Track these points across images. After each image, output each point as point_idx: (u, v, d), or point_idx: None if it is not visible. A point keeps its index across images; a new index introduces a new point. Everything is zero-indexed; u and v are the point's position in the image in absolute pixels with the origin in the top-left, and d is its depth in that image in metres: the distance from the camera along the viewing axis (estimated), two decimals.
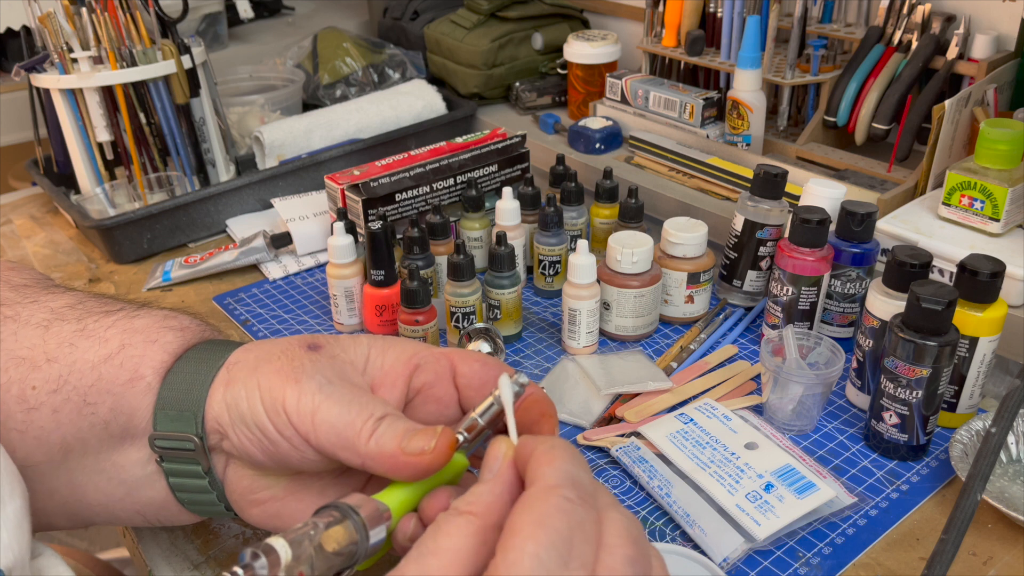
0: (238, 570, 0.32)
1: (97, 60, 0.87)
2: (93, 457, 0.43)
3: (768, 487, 0.51)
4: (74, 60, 0.86)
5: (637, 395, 0.63)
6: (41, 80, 0.86)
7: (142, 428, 0.42)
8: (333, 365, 0.42)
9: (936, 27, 0.83)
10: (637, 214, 0.76)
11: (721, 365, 0.67)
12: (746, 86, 0.89)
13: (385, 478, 0.39)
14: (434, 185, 0.80)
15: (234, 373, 0.42)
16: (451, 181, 0.81)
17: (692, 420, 0.57)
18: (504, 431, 0.39)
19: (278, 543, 0.33)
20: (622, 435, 0.59)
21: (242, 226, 0.92)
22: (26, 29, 0.95)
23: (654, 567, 0.34)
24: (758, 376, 0.66)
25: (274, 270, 0.85)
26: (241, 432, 0.41)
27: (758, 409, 0.61)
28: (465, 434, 0.40)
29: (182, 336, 0.44)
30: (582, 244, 0.67)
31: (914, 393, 0.53)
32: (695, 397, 0.63)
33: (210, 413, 0.41)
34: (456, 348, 0.47)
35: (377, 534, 0.36)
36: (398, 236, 0.77)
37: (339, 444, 0.39)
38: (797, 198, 0.76)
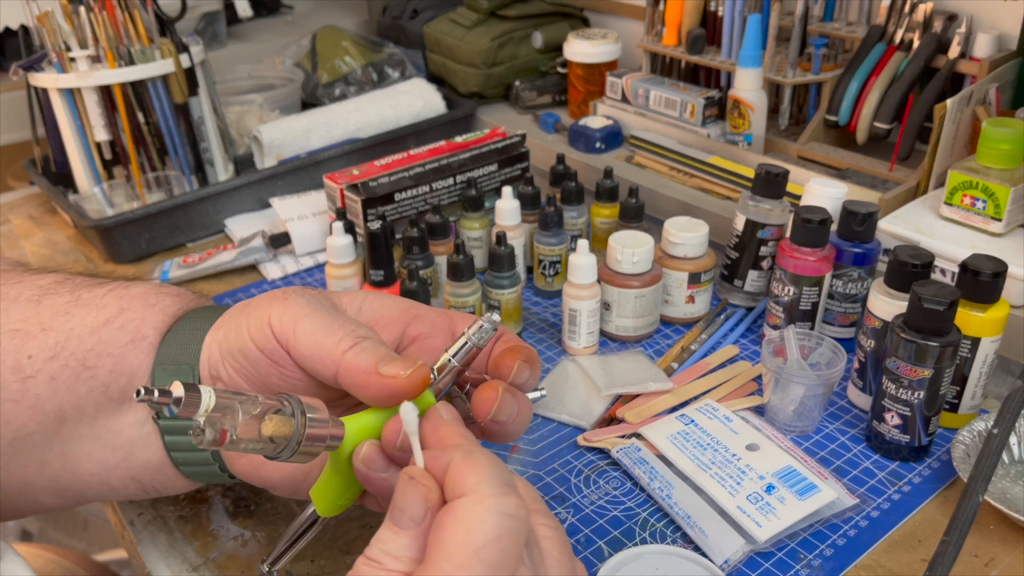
0: (155, 390, 0.31)
1: (95, 59, 0.86)
2: (88, 424, 0.43)
3: (769, 488, 0.51)
4: (72, 59, 0.86)
5: (638, 396, 0.63)
6: (39, 79, 0.86)
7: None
8: (325, 297, 0.42)
9: (938, 26, 0.83)
10: (638, 214, 0.76)
11: (722, 366, 0.67)
12: (747, 85, 0.89)
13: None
14: (433, 185, 0.80)
15: (225, 318, 0.43)
16: (451, 181, 0.81)
17: (693, 421, 0.57)
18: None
19: (205, 390, 0.33)
20: (623, 436, 0.59)
21: (240, 226, 0.91)
22: (24, 28, 0.95)
23: None
24: (759, 377, 0.65)
25: (273, 270, 0.84)
26: (229, 365, 0.41)
27: (759, 410, 0.61)
28: (435, 373, 0.40)
29: (179, 300, 0.45)
30: (582, 244, 0.66)
31: (916, 394, 0.53)
32: (696, 398, 0.63)
33: (203, 359, 0.42)
34: (454, 311, 0.47)
35: (312, 442, 0.35)
36: (397, 236, 0.77)
37: (316, 353, 0.39)
38: (798, 198, 0.76)
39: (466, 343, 0.40)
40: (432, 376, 0.40)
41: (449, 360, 0.40)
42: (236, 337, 0.41)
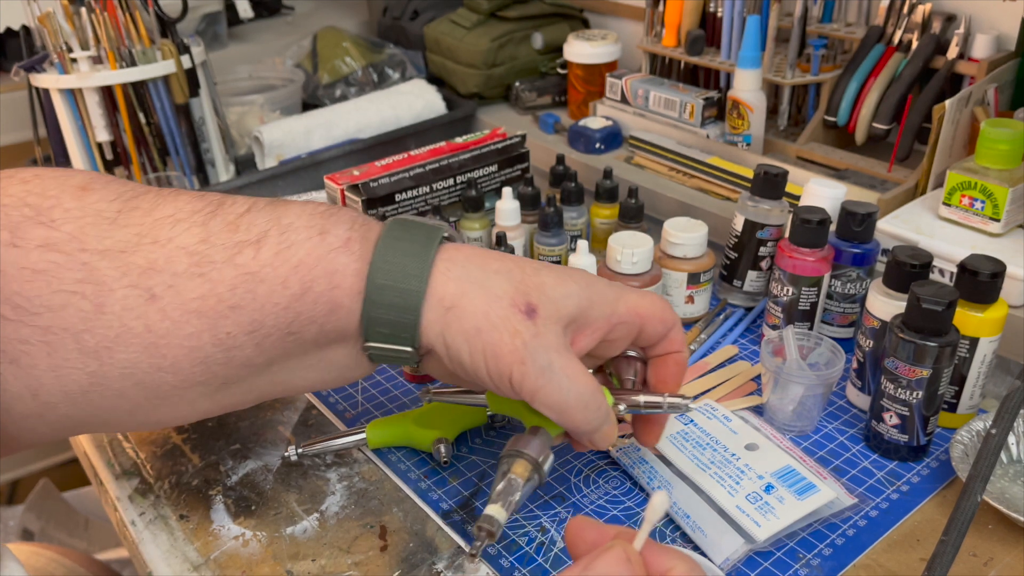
0: (479, 546, 0.42)
1: (96, 60, 0.87)
2: (298, 360, 0.45)
3: (768, 488, 0.51)
4: (73, 60, 0.86)
5: None
6: (40, 80, 0.86)
7: (353, 337, 0.44)
8: (549, 338, 0.44)
9: (936, 27, 0.83)
10: (637, 214, 0.76)
11: (721, 365, 0.67)
12: (746, 86, 0.89)
13: None
14: (434, 185, 0.80)
15: (452, 318, 0.43)
16: (451, 181, 0.81)
17: (692, 421, 0.57)
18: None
19: (501, 513, 0.43)
20: (623, 436, 0.59)
21: None
22: (25, 29, 0.95)
23: None
24: (758, 377, 0.66)
25: None
26: (454, 368, 0.45)
27: (758, 410, 0.61)
28: (620, 408, 0.50)
29: (357, 258, 0.43)
30: (582, 244, 0.67)
31: (914, 394, 0.53)
32: (696, 397, 0.63)
33: (425, 339, 0.44)
34: (644, 303, 0.48)
35: (545, 461, 0.47)
36: None
37: (552, 412, 0.45)
38: (797, 198, 0.76)
39: (658, 405, 0.49)
40: (623, 407, 0.50)
41: (639, 406, 0.50)
42: (472, 366, 0.44)
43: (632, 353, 0.51)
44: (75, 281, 0.39)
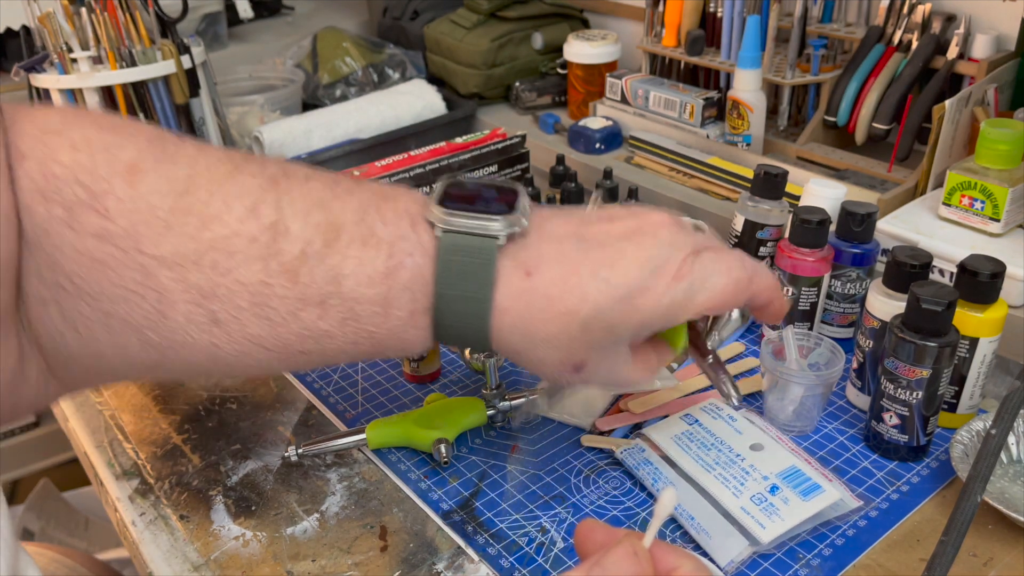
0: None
1: (97, 60, 0.87)
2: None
3: (773, 489, 0.51)
4: (74, 60, 0.86)
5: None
6: (41, 80, 0.86)
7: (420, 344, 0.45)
8: (599, 373, 0.45)
9: (936, 27, 0.83)
10: None
11: (729, 362, 0.67)
12: (746, 86, 0.89)
13: None
14: (434, 186, 0.80)
15: (507, 337, 0.44)
16: None
17: (697, 421, 0.57)
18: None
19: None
20: (627, 436, 0.59)
21: None
22: (26, 29, 0.95)
23: None
24: (758, 368, 0.66)
25: None
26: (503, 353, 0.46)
27: (760, 409, 0.61)
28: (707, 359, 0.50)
29: (422, 329, 0.44)
30: None
31: (914, 394, 0.53)
32: (698, 392, 0.63)
33: (491, 342, 0.44)
34: (713, 302, 0.44)
35: None
36: None
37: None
38: (797, 198, 0.76)
39: (720, 382, 0.50)
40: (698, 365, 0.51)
41: (707, 363, 0.50)
42: (519, 361, 0.45)
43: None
44: (135, 282, 0.39)
